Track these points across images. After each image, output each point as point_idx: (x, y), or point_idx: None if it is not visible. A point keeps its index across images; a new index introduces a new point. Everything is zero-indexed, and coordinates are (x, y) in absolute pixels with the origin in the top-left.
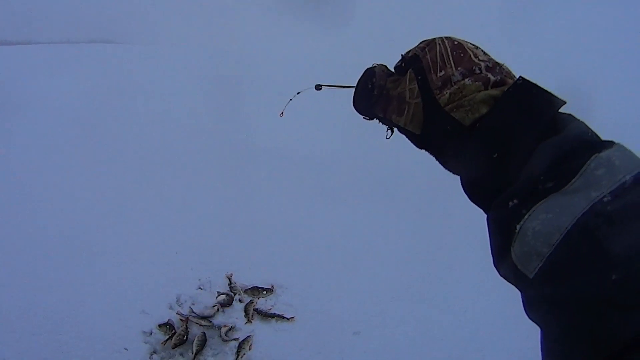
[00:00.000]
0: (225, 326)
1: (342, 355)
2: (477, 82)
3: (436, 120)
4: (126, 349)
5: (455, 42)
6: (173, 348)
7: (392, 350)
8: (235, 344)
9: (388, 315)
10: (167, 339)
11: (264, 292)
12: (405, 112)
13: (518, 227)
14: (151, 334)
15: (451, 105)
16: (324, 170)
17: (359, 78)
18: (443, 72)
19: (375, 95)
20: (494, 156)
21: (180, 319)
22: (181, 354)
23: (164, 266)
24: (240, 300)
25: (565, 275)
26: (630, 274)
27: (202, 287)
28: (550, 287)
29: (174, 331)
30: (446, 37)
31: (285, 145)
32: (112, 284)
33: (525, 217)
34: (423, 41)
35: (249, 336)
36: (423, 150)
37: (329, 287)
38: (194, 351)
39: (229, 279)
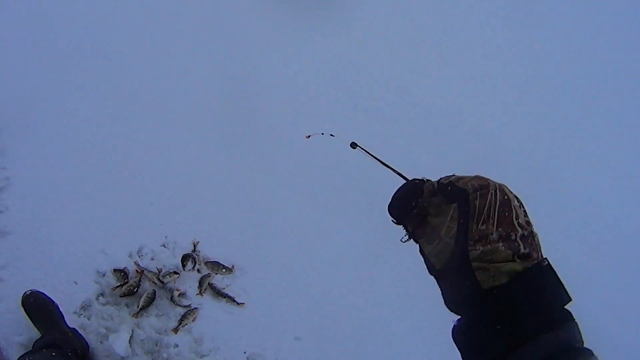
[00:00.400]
0: (177, 290)
1: (277, 356)
2: (508, 250)
3: (459, 270)
4: (76, 283)
5: (505, 197)
6: (121, 296)
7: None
8: (180, 311)
9: (334, 327)
10: (118, 286)
11: (224, 270)
12: (435, 244)
13: None
14: (104, 275)
15: (478, 263)
16: (324, 172)
17: (404, 185)
18: (484, 227)
19: (414, 213)
20: (497, 327)
21: (137, 270)
22: (127, 305)
23: (135, 213)
24: (198, 271)
25: None
26: None
27: (165, 245)
28: None
29: (126, 280)
30: (499, 187)
31: (287, 129)
32: (81, 215)
33: None
34: (478, 177)
35: (196, 308)
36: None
37: (286, 286)
38: (140, 306)
39: (194, 246)
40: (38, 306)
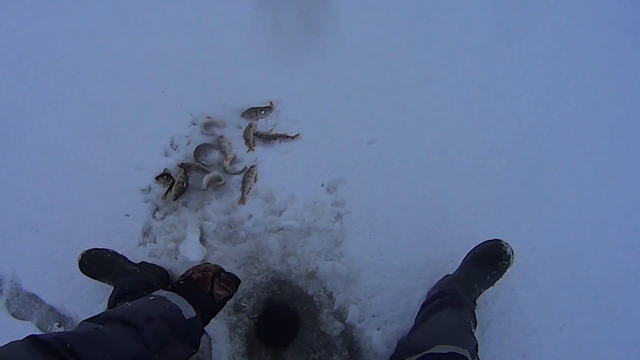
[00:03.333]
0: (226, 159)
1: (357, 168)
2: None
3: None
4: (127, 215)
5: None
6: (175, 200)
7: (410, 153)
8: (238, 178)
9: (403, 118)
10: (167, 191)
11: (262, 112)
12: None
13: None
14: (150, 190)
15: None
16: None
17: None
18: None
19: None
20: None
21: (178, 165)
22: (184, 204)
23: (151, 111)
24: (239, 127)
25: None
26: None
27: (195, 122)
28: None
29: (172, 181)
30: None
31: None
32: (101, 145)
33: None
34: None
35: (252, 166)
36: None
37: (334, 93)
38: (173, 193)
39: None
40: (94, 265)
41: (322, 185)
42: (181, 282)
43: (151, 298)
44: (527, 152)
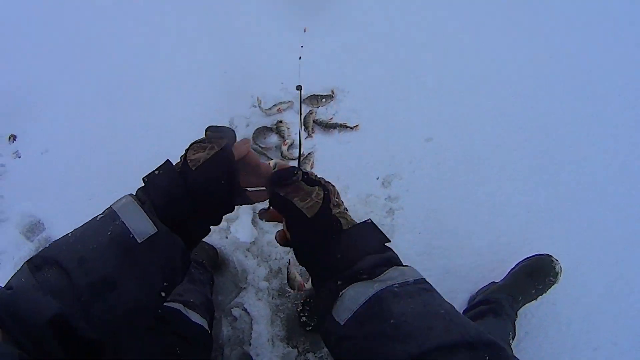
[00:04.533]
0: (284, 144)
1: (413, 164)
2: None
3: (325, 216)
4: None
5: (335, 188)
6: None
7: (466, 155)
8: (295, 163)
9: (462, 118)
10: None
11: (324, 100)
12: (307, 201)
13: (341, 293)
14: None
15: (337, 213)
16: None
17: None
18: (336, 199)
19: (292, 180)
20: (338, 256)
21: None
22: None
23: (211, 92)
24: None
25: (362, 322)
26: (400, 322)
27: (255, 105)
28: (352, 330)
29: None
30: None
31: None
32: (157, 127)
33: (347, 288)
34: (324, 179)
35: (310, 153)
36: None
37: (395, 89)
38: None
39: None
40: None
41: (377, 179)
42: (155, 173)
43: (100, 217)
44: (590, 170)
